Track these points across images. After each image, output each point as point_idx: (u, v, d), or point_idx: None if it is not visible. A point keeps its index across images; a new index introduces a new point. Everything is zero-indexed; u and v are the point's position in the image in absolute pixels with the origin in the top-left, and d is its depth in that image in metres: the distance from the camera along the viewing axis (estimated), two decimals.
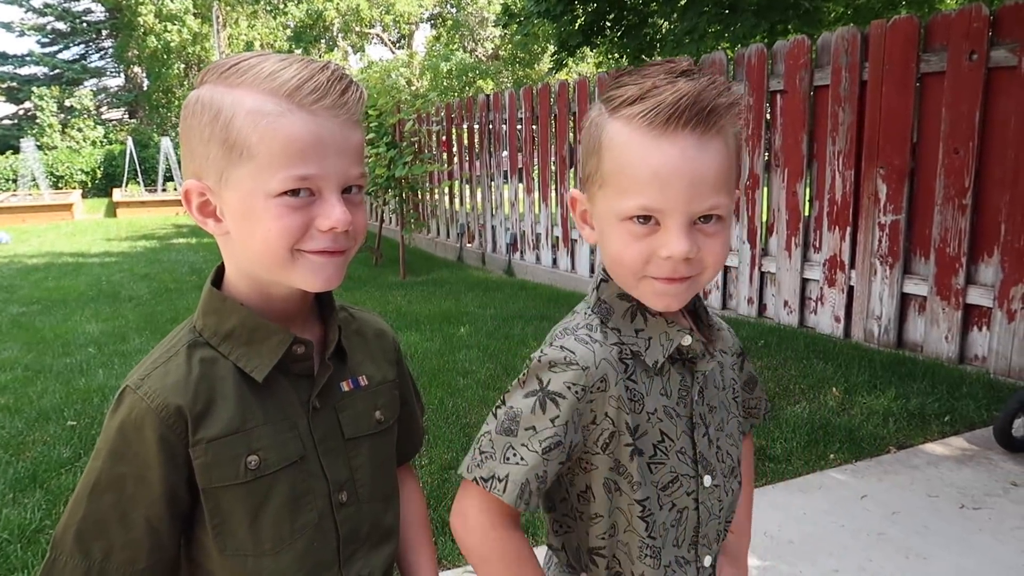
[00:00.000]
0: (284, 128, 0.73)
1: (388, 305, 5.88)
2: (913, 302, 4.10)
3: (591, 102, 4.70)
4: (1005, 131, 3.62)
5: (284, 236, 0.75)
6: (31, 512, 2.58)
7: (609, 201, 0.81)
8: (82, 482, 0.78)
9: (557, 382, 0.80)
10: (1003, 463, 2.80)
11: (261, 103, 0.74)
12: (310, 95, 0.74)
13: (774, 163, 4.79)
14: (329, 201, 0.76)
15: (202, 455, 0.77)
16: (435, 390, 3.73)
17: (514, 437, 0.80)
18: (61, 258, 9.44)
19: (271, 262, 0.77)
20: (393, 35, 31.16)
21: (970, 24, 3.66)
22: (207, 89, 0.77)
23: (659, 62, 0.80)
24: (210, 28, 26.45)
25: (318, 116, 0.75)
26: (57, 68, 27.87)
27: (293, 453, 0.82)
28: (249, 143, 0.74)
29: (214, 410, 0.78)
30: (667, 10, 9.17)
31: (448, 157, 8.63)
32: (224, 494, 0.78)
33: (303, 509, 0.83)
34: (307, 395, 0.84)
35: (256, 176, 0.74)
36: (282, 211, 0.75)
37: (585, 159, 0.84)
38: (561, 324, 0.88)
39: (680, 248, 0.77)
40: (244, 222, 0.77)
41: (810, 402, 3.38)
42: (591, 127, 0.83)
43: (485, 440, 0.82)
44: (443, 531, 2.40)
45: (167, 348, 0.81)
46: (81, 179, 21.08)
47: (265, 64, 0.75)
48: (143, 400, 0.76)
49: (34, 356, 4.69)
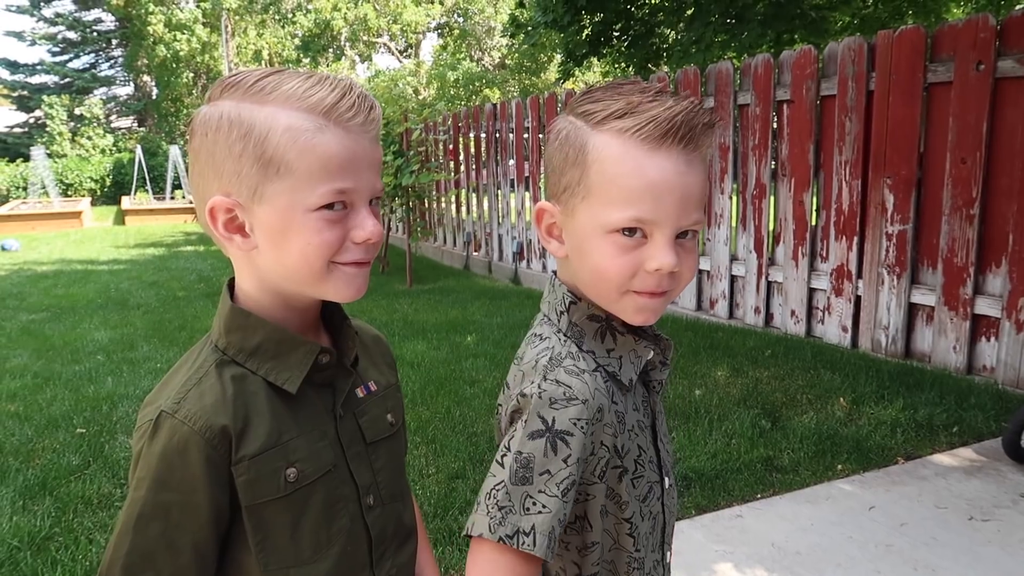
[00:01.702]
0: (322, 144, 0.75)
1: (395, 313, 5.89)
2: (921, 312, 4.09)
3: None
4: (1013, 141, 3.62)
5: (323, 249, 0.77)
6: (40, 519, 2.59)
7: (594, 213, 0.80)
8: (125, 513, 0.77)
9: (563, 419, 0.76)
10: (1012, 474, 2.79)
11: (298, 120, 0.75)
12: (346, 112, 0.77)
13: (781, 172, 4.79)
14: (361, 213, 0.79)
15: (244, 472, 0.77)
16: (442, 399, 3.73)
17: (530, 485, 0.75)
18: (70, 265, 9.50)
19: (307, 276, 0.79)
20: (400, 44, 31.29)
21: (977, 34, 3.67)
22: (231, 105, 0.77)
23: (628, 80, 0.82)
24: (219, 37, 26.63)
25: (351, 133, 0.77)
26: (67, 77, 28.08)
27: (327, 462, 0.83)
28: (287, 159, 0.75)
29: (252, 427, 0.78)
30: (674, 20, 9.21)
31: (455, 166, 8.66)
32: (265, 509, 0.79)
33: (337, 515, 0.84)
34: (331, 403, 0.86)
35: (295, 191, 0.76)
36: (321, 225, 0.77)
37: (560, 171, 0.83)
38: (538, 352, 0.83)
39: (669, 260, 0.78)
40: (280, 237, 0.78)
41: (817, 412, 3.37)
42: (567, 139, 0.82)
43: (500, 493, 0.75)
44: (450, 540, 2.40)
45: (195, 369, 0.81)
46: (90, 187, 21.21)
47: (291, 82, 0.77)
48: (184, 424, 0.76)
49: (43, 363, 4.71)
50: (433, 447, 3.14)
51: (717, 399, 3.57)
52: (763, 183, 4.91)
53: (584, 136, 0.80)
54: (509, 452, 0.77)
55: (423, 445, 3.16)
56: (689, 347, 4.41)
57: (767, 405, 3.47)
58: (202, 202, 0.80)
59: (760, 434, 3.15)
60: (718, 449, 3.01)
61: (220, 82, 0.80)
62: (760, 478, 2.79)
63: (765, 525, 2.49)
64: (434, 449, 3.11)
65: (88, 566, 2.32)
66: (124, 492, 2.81)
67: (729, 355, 4.27)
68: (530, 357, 0.83)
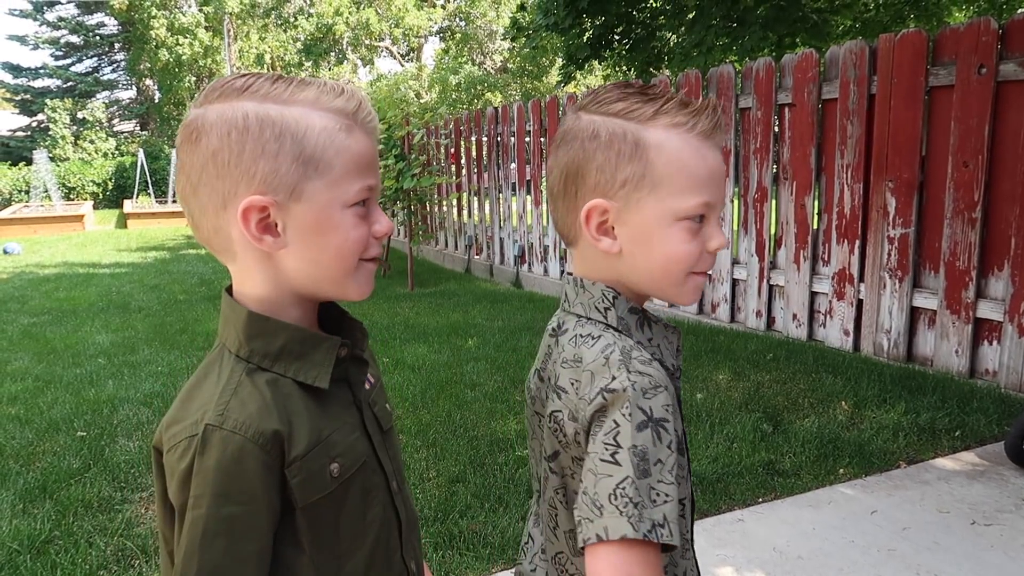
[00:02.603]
0: (354, 143, 0.80)
1: (396, 317, 5.89)
2: (923, 316, 4.08)
3: None
4: (1015, 145, 3.61)
5: (359, 244, 0.81)
6: (40, 523, 2.59)
7: (664, 203, 0.83)
8: (188, 534, 0.75)
9: (658, 407, 0.77)
10: (1015, 479, 2.78)
11: (331, 121, 0.79)
12: (367, 116, 0.82)
13: (783, 176, 4.79)
14: (376, 210, 0.84)
15: (297, 474, 0.77)
16: (443, 402, 3.73)
17: (651, 477, 0.74)
18: (72, 269, 9.51)
19: (339, 272, 0.82)
20: (402, 48, 31.35)
21: (979, 38, 3.66)
22: (254, 106, 0.77)
23: (634, 83, 0.87)
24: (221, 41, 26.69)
25: (371, 135, 0.83)
26: (70, 81, 28.17)
27: (362, 453, 0.85)
28: (326, 156, 0.78)
29: (295, 428, 0.79)
30: (675, 23, 9.21)
31: (456, 169, 8.66)
32: (317, 507, 0.80)
33: (371, 504, 0.86)
34: (350, 396, 0.87)
35: (333, 188, 0.79)
36: (356, 220, 0.81)
37: (612, 167, 0.84)
38: (600, 350, 0.82)
39: (723, 240, 0.86)
40: (317, 235, 0.79)
41: (819, 416, 3.37)
42: (614, 135, 0.84)
43: (629, 490, 0.73)
44: (450, 544, 2.39)
45: (225, 381, 0.79)
46: (92, 190, 21.25)
47: (308, 87, 0.80)
48: (235, 434, 0.74)
49: (44, 366, 4.72)
50: (434, 451, 3.13)
51: (718, 403, 3.56)
52: (765, 186, 4.90)
53: (637, 132, 0.83)
54: (620, 448, 0.75)
55: (424, 449, 3.15)
56: (691, 351, 4.40)
57: (769, 409, 3.46)
58: (218, 206, 0.78)
59: (762, 438, 3.14)
60: (719, 453, 3.00)
61: (215, 86, 0.79)
62: (762, 482, 2.79)
63: (767, 529, 2.48)
64: (435, 453, 3.11)
65: (88, 570, 2.32)
66: (124, 495, 2.81)
67: (731, 359, 4.26)
68: (592, 356, 0.82)
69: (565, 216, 0.89)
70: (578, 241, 0.89)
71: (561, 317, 0.92)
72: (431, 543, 2.39)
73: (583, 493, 0.76)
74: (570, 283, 0.91)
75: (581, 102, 0.88)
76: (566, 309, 0.91)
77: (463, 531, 2.46)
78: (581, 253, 0.90)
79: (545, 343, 0.94)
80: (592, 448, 0.77)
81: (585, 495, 0.75)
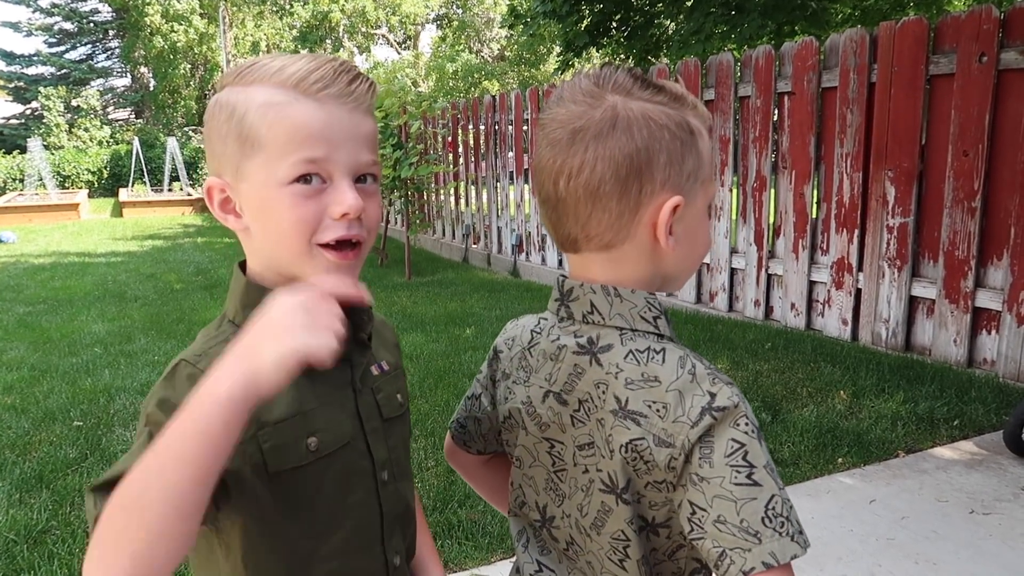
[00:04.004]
0: (291, 115, 0.75)
1: (393, 306, 5.88)
2: (921, 305, 4.08)
3: None
4: (1015, 134, 3.60)
5: (298, 226, 0.76)
6: (37, 513, 2.58)
7: (708, 195, 0.83)
8: (131, 450, 0.73)
9: (752, 413, 0.75)
10: (1013, 468, 2.78)
11: (270, 95, 0.76)
12: (316, 84, 0.75)
13: (781, 165, 4.77)
14: (340, 187, 0.77)
15: (269, 439, 0.76)
16: (441, 392, 3.72)
17: (784, 488, 0.72)
18: (67, 258, 9.47)
19: (288, 255, 0.78)
20: (399, 36, 31.19)
21: (980, 26, 3.64)
22: (226, 92, 0.79)
23: (634, 69, 0.83)
24: (216, 28, 26.51)
25: (325, 104, 0.76)
26: (64, 68, 27.97)
27: (346, 434, 0.83)
28: (259, 134, 0.75)
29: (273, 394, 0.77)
30: (673, 11, 9.16)
31: (454, 158, 8.63)
32: (289, 478, 0.78)
33: (353, 488, 0.84)
34: (349, 378, 0.85)
35: (267, 165, 0.76)
36: (295, 200, 0.75)
37: (680, 159, 0.78)
38: (678, 364, 0.77)
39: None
40: (260, 214, 0.78)
41: (818, 405, 3.37)
42: (680, 125, 0.78)
43: (777, 506, 0.70)
44: (449, 534, 2.39)
45: (215, 334, 0.80)
46: (87, 179, 21.12)
47: (275, 61, 0.78)
48: (204, 373, 0.71)
49: (40, 356, 4.70)
50: (432, 440, 3.12)
51: None
52: (764, 175, 4.88)
53: (689, 122, 0.79)
54: (755, 467, 0.71)
55: (422, 438, 3.15)
56: (689, 340, 4.40)
57: (767, 398, 3.46)
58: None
59: (760, 427, 3.14)
60: None
61: (226, 72, 0.82)
62: None
63: None
64: (433, 442, 3.10)
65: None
66: None
67: (729, 348, 4.26)
68: (670, 373, 0.76)
69: (612, 218, 0.78)
70: (622, 244, 0.79)
71: (590, 332, 0.81)
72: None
73: (719, 522, 0.70)
74: (595, 292, 0.81)
75: (599, 85, 0.79)
76: (594, 322, 0.81)
77: (462, 521, 2.46)
78: (619, 257, 0.80)
79: (567, 361, 0.82)
80: (709, 472, 0.72)
81: (724, 524, 0.70)
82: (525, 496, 0.91)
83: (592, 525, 0.82)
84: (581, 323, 0.82)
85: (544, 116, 0.82)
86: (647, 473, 0.76)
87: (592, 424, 0.80)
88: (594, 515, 0.82)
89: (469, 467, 1.07)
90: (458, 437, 1.04)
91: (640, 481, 0.77)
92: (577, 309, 0.82)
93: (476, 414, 1.01)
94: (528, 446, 0.88)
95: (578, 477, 0.83)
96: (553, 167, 0.79)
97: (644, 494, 0.78)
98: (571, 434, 0.82)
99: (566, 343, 0.83)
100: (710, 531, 0.71)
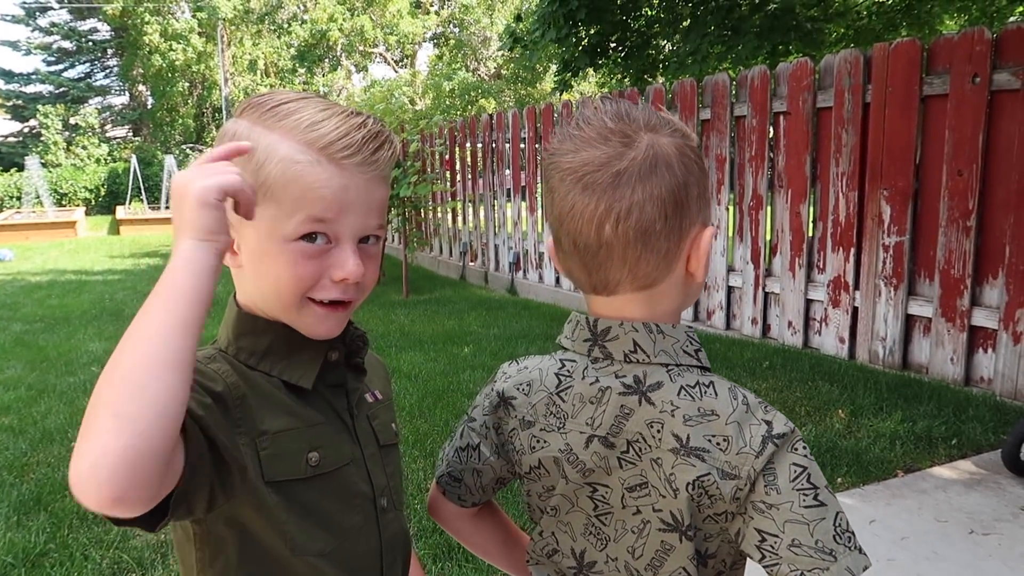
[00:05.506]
0: (309, 177, 0.75)
1: (391, 324, 5.87)
2: (918, 323, 4.10)
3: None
4: (1009, 153, 3.63)
5: (296, 282, 0.77)
6: (35, 535, 2.57)
7: (705, 217, 0.82)
8: None
9: (802, 437, 0.77)
10: (1012, 488, 2.78)
11: (294, 152, 0.76)
12: (342, 151, 0.76)
13: (777, 184, 4.80)
14: (345, 251, 0.78)
15: (268, 447, 0.76)
16: (440, 411, 3.71)
17: (839, 504, 0.75)
18: (64, 276, 9.46)
19: (278, 305, 0.79)
20: (396, 54, 31.38)
21: (973, 47, 3.69)
22: (245, 125, 0.79)
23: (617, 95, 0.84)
24: (214, 47, 26.66)
25: (346, 171, 0.77)
26: (62, 86, 28.08)
27: (347, 455, 0.84)
28: (275, 187, 0.76)
29: (269, 408, 0.77)
30: (670, 31, 9.25)
31: (451, 176, 8.67)
32: (288, 490, 0.78)
33: (352, 511, 0.84)
34: (344, 404, 0.86)
35: (276, 218, 0.76)
36: (297, 258, 0.76)
37: (704, 190, 0.80)
38: (729, 396, 0.77)
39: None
40: (259, 263, 0.78)
41: (816, 425, 3.37)
42: (699, 159, 0.79)
43: (842, 522, 0.73)
44: (449, 556, 2.38)
45: (202, 356, 0.79)
46: (85, 196, 21.15)
47: (305, 112, 0.77)
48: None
49: (37, 375, 4.68)
50: (431, 460, 3.12)
51: None
52: (760, 194, 4.92)
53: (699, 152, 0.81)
54: (818, 488, 0.73)
55: (421, 459, 3.14)
56: None
57: None
58: None
59: None
60: None
61: (247, 99, 0.82)
62: None
63: None
64: (432, 463, 3.09)
65: None
66: None
67: (727, 366, 4.26)
68: (726, 406, 0.76)
69: (659, 257, 0.77)
70: (661, 281, 0.79)
71: (634, 371, 0.79)
72: (430, 555, 2.37)
73: (794, 546, 0.71)
74: (636, 330, 0.79)
75: (625, 123, 0.77)
76: (638, 360, 0.79)
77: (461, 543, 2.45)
78: (659, 294, 0.80)
79: (613, 403, 0.79)
80: (777, 499, 0.73)
81: (800, 547, 0.71)
82: (558, 543, 0.88)
83: (648, 566, 0.81)
84: (623, 363, 0.80)
85: (565, 159, 0.77)
86: (710, 507, 0.76)
87: (645, 464, 0.78)
88: (651, 555, 0.80)
89: (456, 521, 1.02)
90: (451, 491, 0.97)
91: (700, 515, 0.77)
92: (617, 349, 0.80)
93: (475, 465, 0.95)
94: (567, 494, 0.84)
95: (627, 519, 0.81)
96: (596, 212, 0.75)
97: (701, 527, 0.78)
98: (618, 476, 0.80)
99: (609, 384, 0.80)
100: (785, 556, 0.72)
